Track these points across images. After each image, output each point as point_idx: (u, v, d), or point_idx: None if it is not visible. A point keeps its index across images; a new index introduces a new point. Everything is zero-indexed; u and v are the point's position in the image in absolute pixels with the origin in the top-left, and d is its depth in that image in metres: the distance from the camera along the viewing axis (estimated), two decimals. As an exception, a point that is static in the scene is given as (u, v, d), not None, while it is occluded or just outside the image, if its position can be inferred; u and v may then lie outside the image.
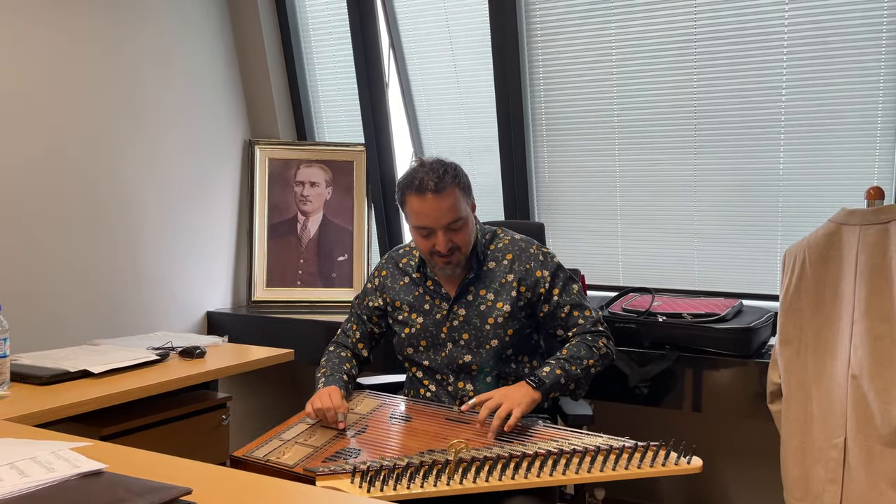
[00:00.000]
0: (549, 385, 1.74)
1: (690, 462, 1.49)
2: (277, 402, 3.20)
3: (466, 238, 1.83)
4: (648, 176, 2.65)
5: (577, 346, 1.84)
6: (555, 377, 1.75)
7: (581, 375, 1.80)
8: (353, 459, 1.55)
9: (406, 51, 3.03)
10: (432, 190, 1.76)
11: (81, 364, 1.89)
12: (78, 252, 2.56)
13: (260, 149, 3.16)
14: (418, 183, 1.77)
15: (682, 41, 2.49)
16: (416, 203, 1.79)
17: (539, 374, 1.75)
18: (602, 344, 1.87)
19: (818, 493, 1.82)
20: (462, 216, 1.80)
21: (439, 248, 1.79)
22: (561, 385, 1.76)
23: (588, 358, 1.82)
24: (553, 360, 1.79)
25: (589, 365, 1.82)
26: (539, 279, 1.87)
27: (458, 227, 1.80)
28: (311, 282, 3.14)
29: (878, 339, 1.74)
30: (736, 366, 2.14)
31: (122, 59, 2.69)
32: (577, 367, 1.79)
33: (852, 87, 2.29)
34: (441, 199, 1.76)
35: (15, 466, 1.12)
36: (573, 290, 1.91)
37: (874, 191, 1.86)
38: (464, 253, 1.84)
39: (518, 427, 1.68)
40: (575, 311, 1.89)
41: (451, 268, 1.85)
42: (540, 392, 1.71)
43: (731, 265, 2.57)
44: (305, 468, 1.54)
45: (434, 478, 1.46)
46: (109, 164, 2.66)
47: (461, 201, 1.80)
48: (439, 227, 1.78)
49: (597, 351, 1.84)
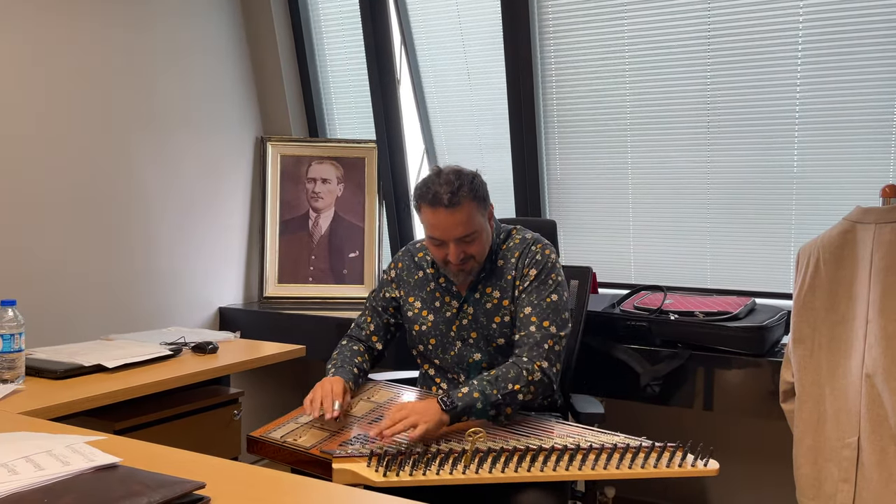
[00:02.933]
0: (460, 409, 1.62)
1: (707, 465, 1.48)
2: (289, 397, 3.21)
3: (480, 248, 1.80)
4: (661, 173, 2.64)
5: (507, 367, 1.71)
6: (470, 400, 1.63)
7: (501, 401, 1.66)
8: (369, 444, 1.56)
9: (418, 48, 3.03)
10: (445, 205, 1.72)
11: (95, 358, 1.90)
12: (92, 248, 2.57)
13: (272, 145, 3.17)
14: (432, 196, 1.74)
15: (695, 38, 2.48)
16: (429, 215, 1.76)
17: (454, 395, 1.64)
18: (537, 367, 1.70)
19: (831, 492, 1.81)
20: (475, 229, 1.76)
21: (450, 259, 1.77)
22: (477, 410, 1.63)
23: (515, 382, 1.67)
24: (476, 381, 1.68)
25: (514, 390, 1.67)
26: (525, 276, 1.83)
27: (470, 239, 1.77)
28: (322, 278, 3.15)
29: (893, 338, 1.72)
30: (748, 365, 2.13)
31: (134, 57, 2.71)
32: (499, 391, 1.65)
33: (867, 84, 2.27)
34: (454, 214, 1.73)
35: (31, 460, 1.12)
36: (547, 296, 1.79)
37: (889, 189, 1.84)
38: (478, 261, 1.81)
39: (532, 421, 1.68)
40: (533, 315, 1.77)
41: (464, 275, 1.83)
42: (448, 415, 1.60)
43: (744, 263, 2.55)
44: (322, 451, 1.55)
45: (450, 466, 1.46)
46: (123, 161, 2.67)
47: (475, 214, 1.77)
48: (451, 240, 1.76)
49: (527, 375, 1.69)
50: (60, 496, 1.00)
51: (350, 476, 1.45)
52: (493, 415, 1.68)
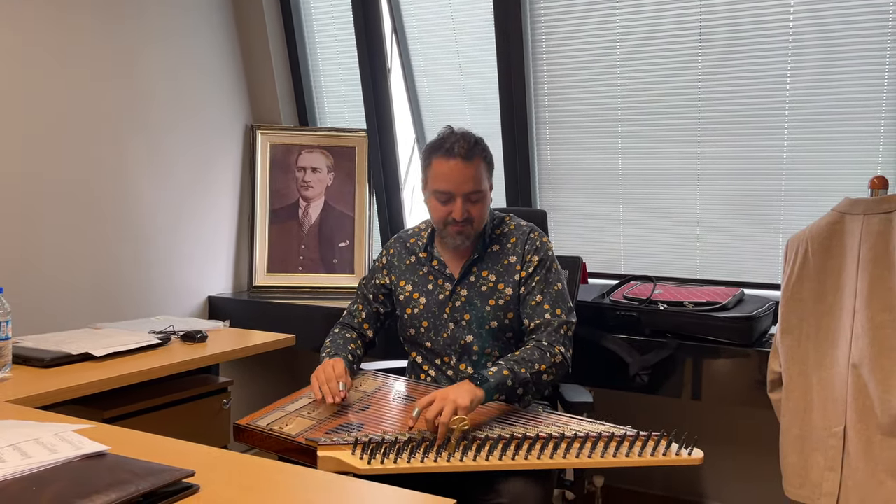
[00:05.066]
0: (493, 384, 1.64)
1: (692, 453, 1.49)
2: (278, 386, 3.21)
3: (482, 212, 1.84)
4: (651, 164, 2.64)
5: (532, 350, 1.76)
6: (501, 377, 1.66)
7: (530, 379, 1.71)
8: (354, 433, 1.57)
9: (409, 36, 3.01)
10: (462, 156, 1.77)
11: (83, 347, 1.89)
12: (80, 236, 2.56)
13: (262, 134, 3.15)
14: (448, 146, 1.79)
15: (686, 29, 2.48)
16: (442, 165, 1.80)
17: (485, 372, 1.67)
18: (558, 351, 1.77)
19: (817, 481, 1.83)
20: (482, 189, 1.82)
21: (455, 216, 1.80)
22: (507, 387, 1.67)
23: (540, 363, 1.73)
24: (503, 361, 1.72)
25: (540, 370, 1.72)
26: (528, 263, 1.87)
27: (476, 198, 1.81)
28: (312, 267, 3.14)
29: (880, 329, 1.74)
30: (736, 355, 2.15)
31: (122, 44, 2.68)
32: (527, 370, 1.70)
33: (857, 76, 2.28)
34: (467, 167, 1.78)
35: (18, 448, 1.12)
36: (554, 285, 1.85)
37: (878, 180, 1.85)
38: (476, 228, 1.85)
39: (519, 410, 1.69)
40: (545, 304, 1.82)
41: (461, 238, 1.85)
42: (483, 389, 1.61)
43: (733, 254, 2.57)
44: (307, 438, 1.55)
45: (434, 453, 1.47)
46: (111, 149, 2.65)
47: (484, 176, 1.83)
48: (459, 194, 1.79)
49: (550, 357, 1.75)
50: (48, 484, 1.00)
51: (335, 464, 1.45)
52: (521, 393, 1.73)
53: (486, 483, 1.59)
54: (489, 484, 1.58)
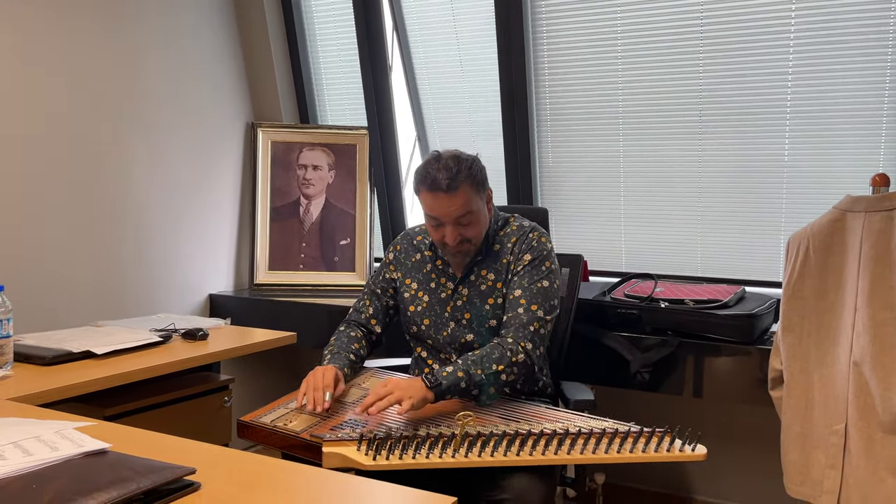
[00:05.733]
0: (444, 387, 1.63)
1: (695, 450, 1.49)
2: (279, 384, 3.21)
3: (477, 231, 1.83)
4: (652, 162, 2.64)
5: (492, 348, 1.73)
6: (454, 379, 1.65)
7: (485, 381, 1.68)
8: (359, 429, 1.57)
9: (410, 34, 3.01)
10: (443, 189, 1.76)
11: (84, 345, 1.90)
12: (81, 234, 2.56)
13: (263, 132, 3.15)
14: (430, 181, 1.77)
15: (687, 26, 2.47)
16: (428, 198, 1.80)
17: (438, 373, 1.66)
18: (521, 348, 1.73)
19: (818, 478, 1.83)
20: (472, 211, 1.80)
21: (447, 241, 1.81)
22: (461, 389, 1.66)
23: (498, 363, 1.70)
24: (460, 361, 1.70)
25: (497, 371, 1.69)
26: (519, 261, 1.87)
27: (467, 221, 1.80)
28: (313, 265, 3.14)
29: (881, 327, 1.74)
30: (738, 352, 2.14)
31: (123, 41, 2.68)
32: (483, 371, 1.68)
33: (859, 73, 2.28)
34: (452, 198, 1.77)
35: (19, 445, 1.12)
36: (539, 282, 1.83)
37: (880, 178, 1.85)
38: (474, 245, 1.85)
39: (522, 407, 1.69)
40: (522, 298, 1.80)
41: (461, 256, 1.87)
42: (433, 393, 1.62)
43: (734, 252, 2.56)
44: (312, 435, 1.56)
45: (439, 449, 1.47)
46: (112, 146, 2.65)
47: (473, 198, 1.80)
48: (449, 222, 1.79)
49: (510, 356, 1.71)
50: (49, 482, 1.00)
51: (339, 460, 1.46)
52: (476, 394, 1.71)
53: (489, 479, 1.59)
54: (493, 480, 1.59)
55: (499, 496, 1.57)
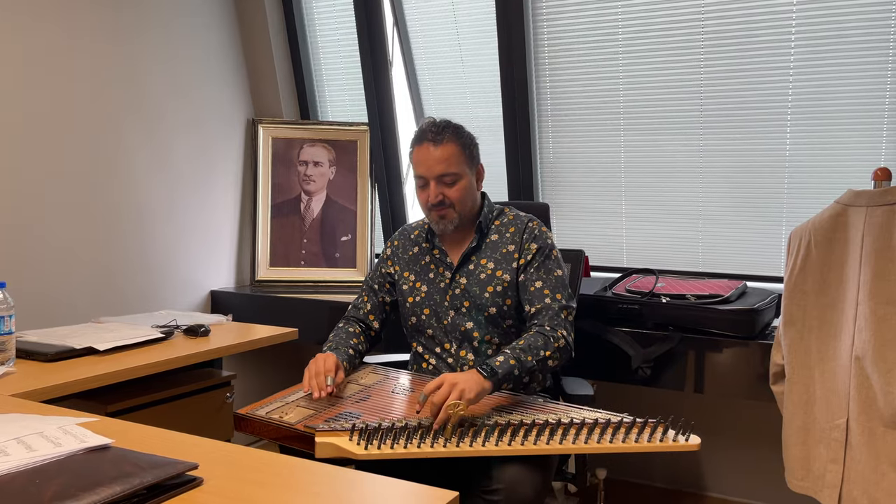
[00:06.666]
0: (501, 375, 1.64)
1: (689, 439, 1.50)
2: (281, 380, 3.19)
3: (460, 195, 1.87)
4: (653, 157, 2.63)
5: (535, 336, 1.76)
6: (508, 367, 1.66)
7: (536, 367, 1.72)
8: (353, 420, 1.58)
9: (410, 29, 3.01)
10: (430, 140, 1.84)
11: (87, 341, 1.90)
12: (82, 231, 2.56)
13: (263, 128, 3.15)
14: (419, 133, 1.87)
15: (689, 21, 2.47)
16: (415, 153, 1.88)
17: (492, 363, 1.66)
18: (560, 335, 1.78)
19: (820, 473, 1.83)
20: (455, 171, 1.85)
21: (430, 199, 1.85)
22: (515, 376, 1.68)
23: (545, 349, 1.74)
24: (508, 350, 1.71)
25: (545, 357, 1.73)
26: (526, 250, 1.89)
27: (450, 180, 1.85)
28: (314, 261, 3.14)
29: (883, 321, 1.73)
30: (739, 347, 2.14)
31: (124, 38, 2.67)
32: (532, 357, 1.71)
33: (860, 67, 2.27)
34: (436, 150, 1.83)
35: (22, 441, 1.12)
36: (554, 271, 1.87)
37: (881, 172, 1.84)
38: (458, 211, 1.88)
39: (517, 399, 1.70)
40: (545, 288, 1.84)
41: (444, 223, 1.89)
42: (491, 382, 1.62)
43: (735, 247, 2.56)
44: (306, 426, 1.56)
45: (431, 439, 1.47)
46: (113, 143, 2.65)
47: (458, 157, 1.85)
48: (431, 177, 1.84)
49: (553, 342, 1.76)
50: (52, 477, 1.00)
51: (332, 449, 1.46)
52: (527, 381, 1.75)
53: (482, 470, 1.60)
54: (486, 471, 1.59)
55: (491, 487, 1.57)
